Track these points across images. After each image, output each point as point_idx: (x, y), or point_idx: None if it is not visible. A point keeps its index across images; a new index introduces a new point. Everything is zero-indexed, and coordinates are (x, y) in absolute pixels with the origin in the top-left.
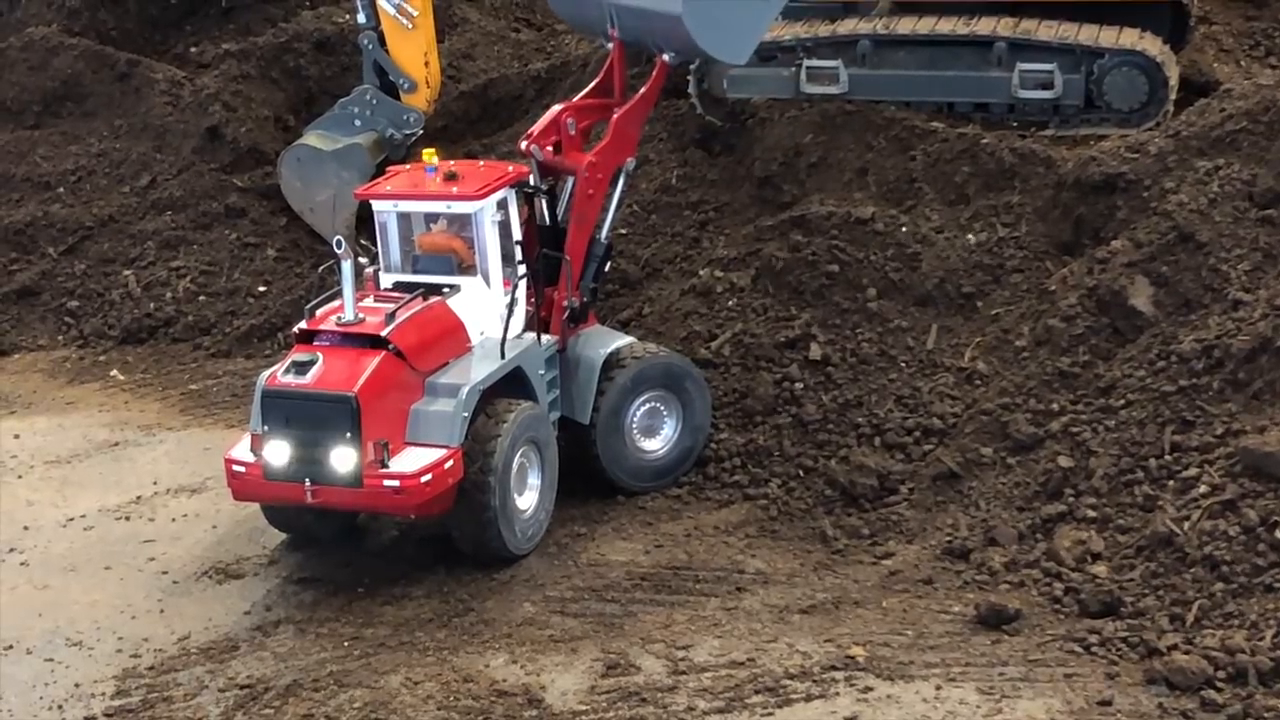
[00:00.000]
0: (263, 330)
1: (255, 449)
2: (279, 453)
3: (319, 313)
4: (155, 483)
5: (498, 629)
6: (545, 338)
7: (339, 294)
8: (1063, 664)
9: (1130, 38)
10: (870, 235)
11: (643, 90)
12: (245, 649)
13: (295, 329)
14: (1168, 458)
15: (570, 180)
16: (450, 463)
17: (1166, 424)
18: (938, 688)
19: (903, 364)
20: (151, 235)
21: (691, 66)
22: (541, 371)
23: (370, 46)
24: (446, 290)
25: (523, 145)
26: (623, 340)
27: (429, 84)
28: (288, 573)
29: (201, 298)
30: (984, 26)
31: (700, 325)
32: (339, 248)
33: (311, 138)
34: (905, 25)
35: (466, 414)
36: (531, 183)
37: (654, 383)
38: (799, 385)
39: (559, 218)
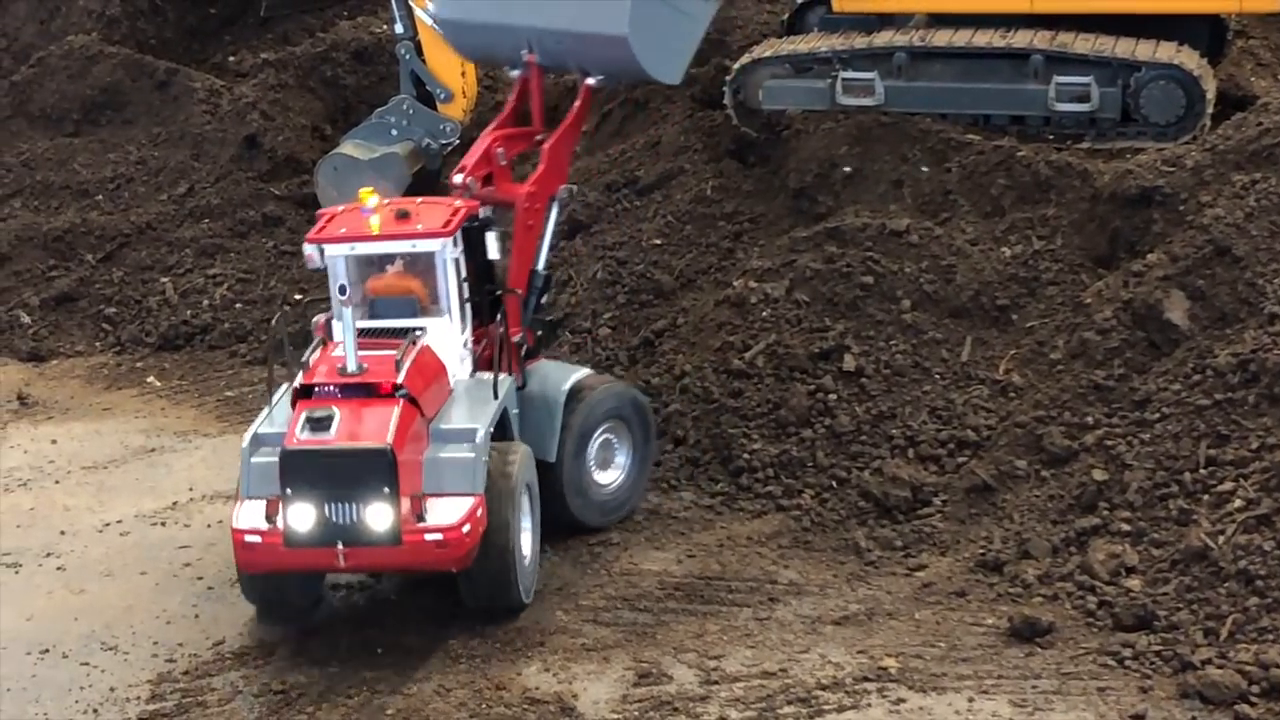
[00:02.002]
0: (298, 338)
1: (271, 515)
2: (304, 517)
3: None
4: (191, 489)
5: (530, 637)
6: (504, 376)
7: (322, 344)
8: (1096, 677)
9: (1167, 51)
10: (905, 247)
11: (571, 116)
12: (280, 655)
13: (295, 385)
14: (1202, 472)
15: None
16: (480, 511)
17: (1201, 438)
18: (970, 700)
19: (937, 376)
20: (189, 243)
21: (718, 77)
22: (516, 410)
23: (407, 56)
24: (419, 333)
25: (457, 179)
26: (579, 372)
27: (465, 94)
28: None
29: (238, 305)
30: (1020, 39)
31: (734, 336)
32: (342, 294)
33: (348, 147)
34: (941, 37)
35: (486, 459)
36: (481, 216)
37: (611, 414)
38: (833, 396)
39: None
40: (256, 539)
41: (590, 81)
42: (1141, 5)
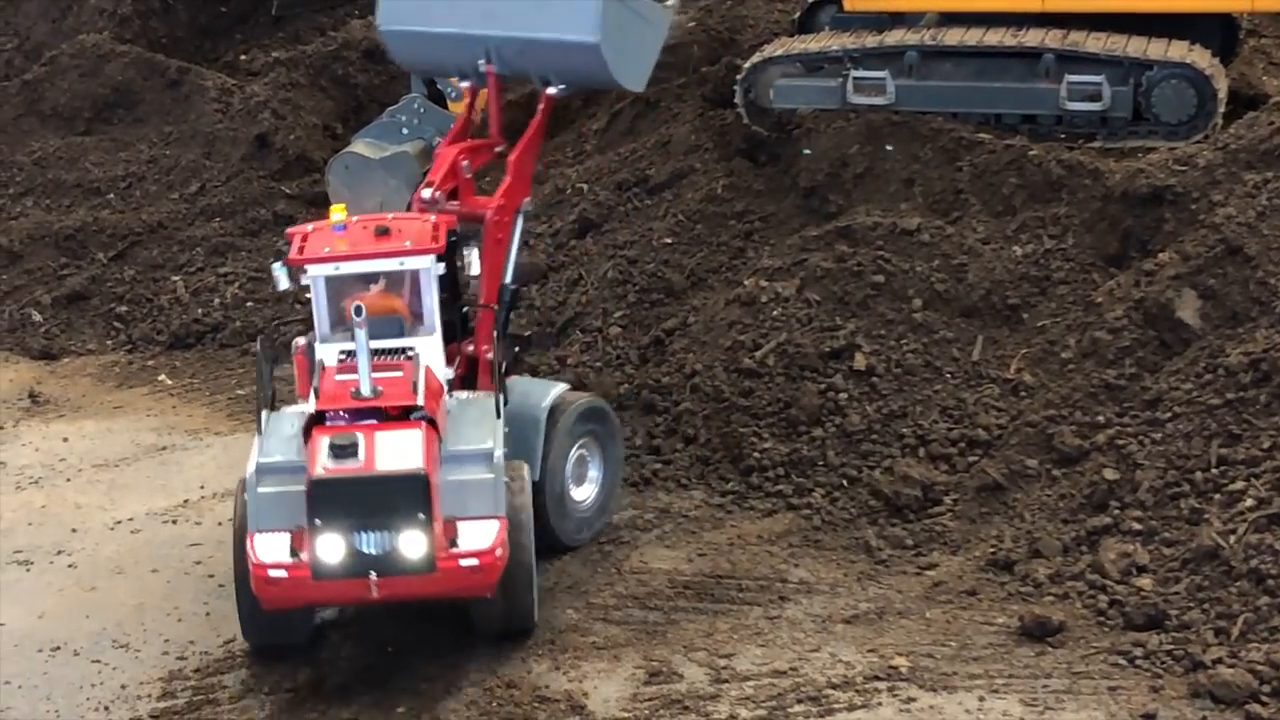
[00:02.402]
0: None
1: (298, 548)
2: (334, 548)
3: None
4: (202, 487)
5: (540, 635)
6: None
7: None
8: (1107, 677)
9: (1179, 50)
10: (916, 246)
11: (534, 127)
12: (291, 653)
13: (310, 412)
14: (1214, 471)
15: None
16: (506, 533)
17: (1213, 437)
18: (981, 699)
19: (948, 375)
20: (200, 241)
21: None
22: (506, 429)
23: None
24: (412, 354)
25: (425, 193)
26: (556, 387)
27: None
28: None
29: (249, 304)
30: (1032, 38)
31: (745, 335)
32: (358, 315)
33: (360, 145)
34: (952, 36)
35: (505, 480)
36: (458, 231)
37: (587, 430)
38: (843, 395)
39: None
40: (281, 574)
41: (551, 91)
42: (1153, 4)
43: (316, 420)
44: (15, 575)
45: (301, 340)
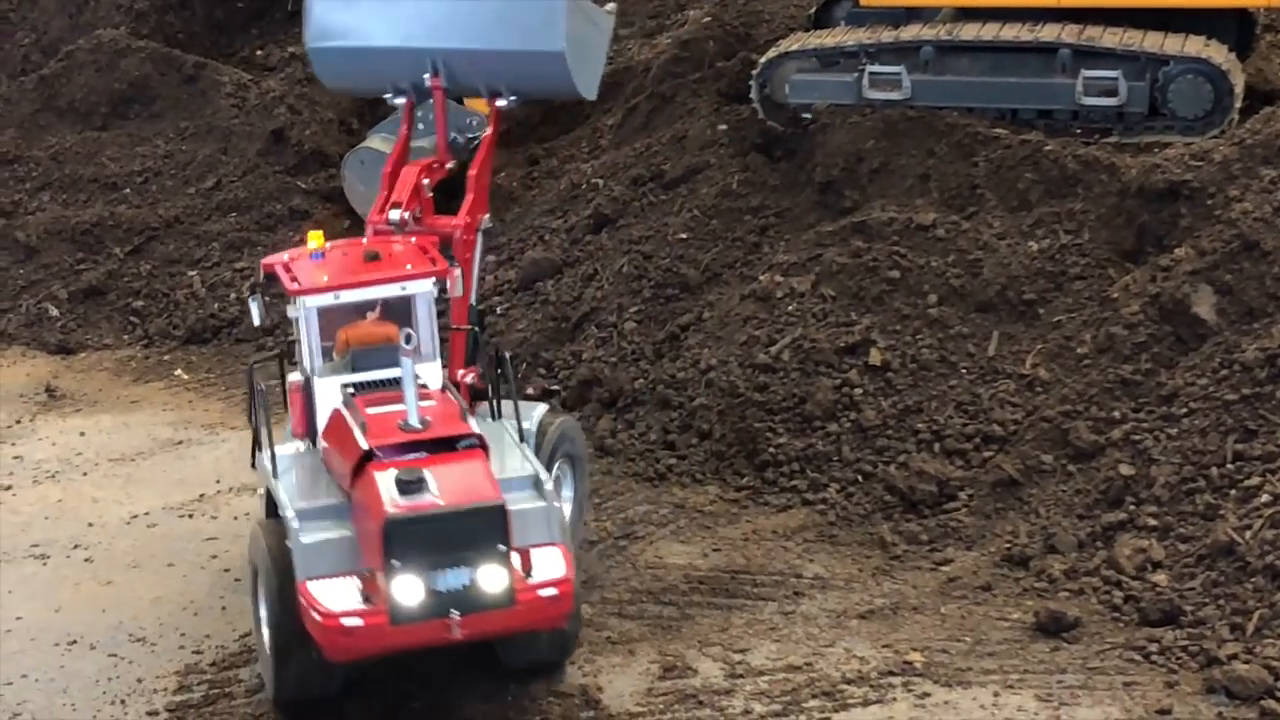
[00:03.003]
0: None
1: (370, 592)
2: (413, 589)
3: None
4: (218, 481)
5: None
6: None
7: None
8: (1122, 672)
9: (1195, 45)
10: (931, 241)
11: (487, 141)
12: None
13: (363, 448)
14: (1230, 466)
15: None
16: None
17: (1229, 433)
18: (995, 694)
19: (963, 370)
20: (216, 236)
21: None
22: None
23: None
24: (420, 385)
25: (393, 214)
26: (537, 409)
27: None
28: None
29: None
30: (1048, 33)
31: (760, 330)
32: (408, 342)
33: (375, 140)
34: (968, 31)
35: (558, 505)
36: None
37: (565, 450)
38: (858, 391)
39: None
40: (357, 622)
41: (502, 103)
42: None
43: (369, 457)
44: (32, 569)
45: (296, 379)
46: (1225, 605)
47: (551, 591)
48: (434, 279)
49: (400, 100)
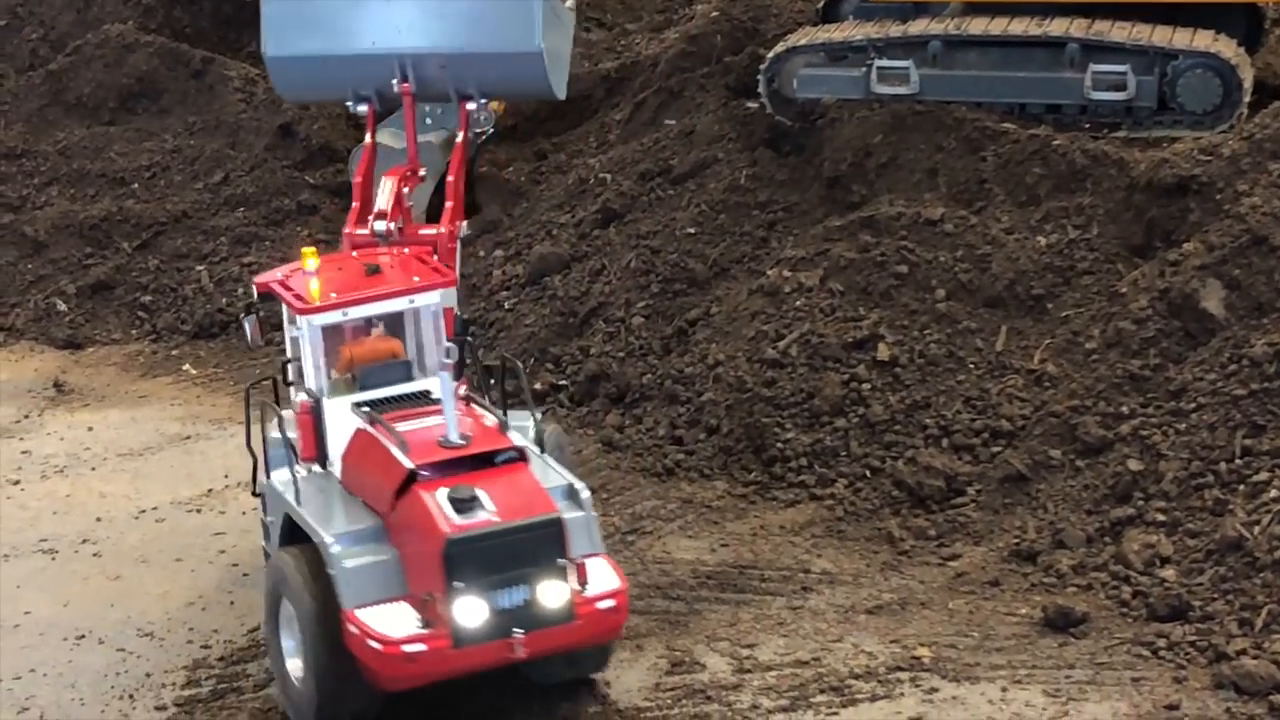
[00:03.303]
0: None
1: (431, 615)
2: (476, 610)
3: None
4: (226, 476)
5: None
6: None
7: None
8: (1130, 667)
9: (1204, 40)
10: (940, 236)
11: (460, 147)
12: None
13: (407, 468)
14: (1238, 462)
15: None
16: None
17: (1237, 428)
18: (1003, 690)
19: (971, 365)
20: (224, 231)
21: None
22: None
23: None
24: (436, 399)
25: (379, 225)
26: (525, 419)
27: None
28: None
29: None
30: (1056, 27)
31: (768, 325)
32: (449, 357)
33: (383, 135)
34: (977, 26)
35: (596, 514)
36: None
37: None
38: (866, 386)
39: None
40: (420, 647)
41: (471, 106)
42: None
43: (412, 478)
44: (41, 564)
45: (304, 399)
46: (1234, 600)
47: (609, 603)
48: (442, 290)
49: (362, 108)
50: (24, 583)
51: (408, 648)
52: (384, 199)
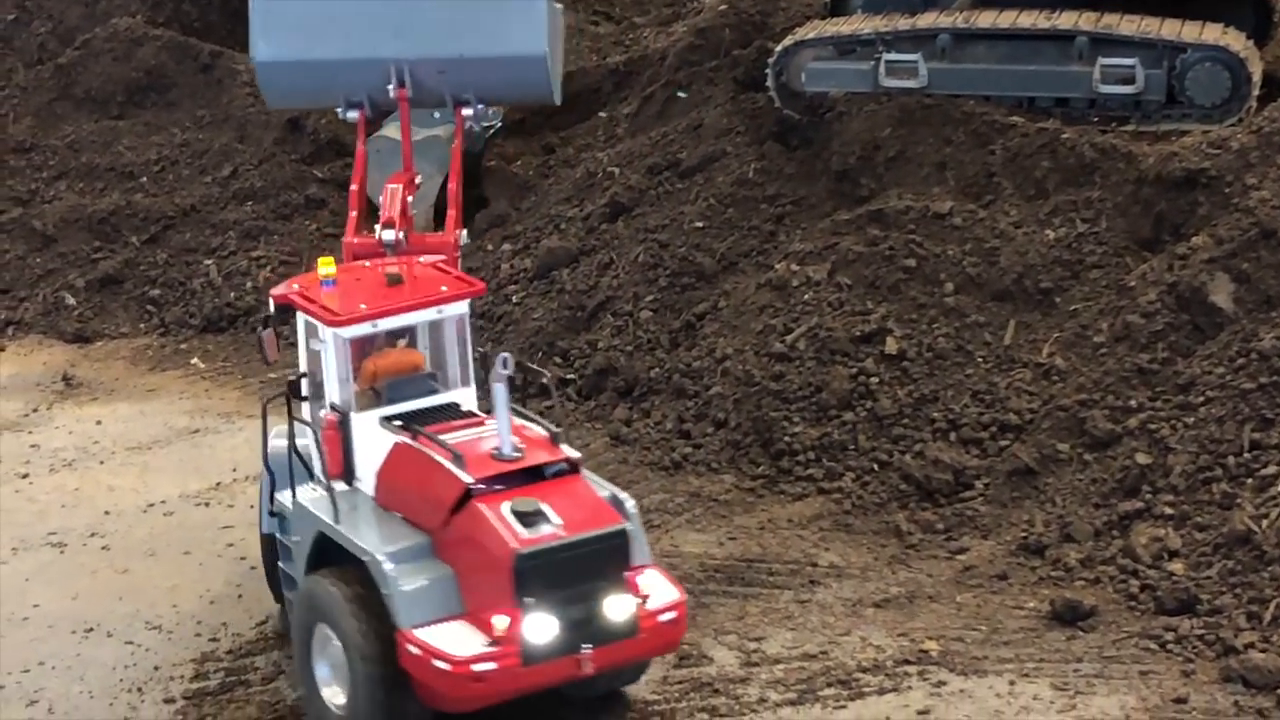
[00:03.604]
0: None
1: (498, 634)
2: (545, 626)
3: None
4: (235, 469)
5: None
6: None
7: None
8: (1138, 661)
9: (1213, 33)
10: (948, 230)
11: (457, 152)
12: None
13: (464, 483)
14: (1247, 455)
15: None
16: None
17: (1246, 421)
18: (1011, 683)
19: (980, 359)
20: (233, 225)
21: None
22: None
23: None
24: (467, 411)
25: (387, 235)
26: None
27: None
28: None
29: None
30: (1065, 20)
31: (776, 319)
32: (505, 367)
33: (391, 129)
34: (985, 19)
35: (641, 526)
36: None
37: None
38: (874, 379)
39: None
40: (490, 666)
41: (468, 111)
42: None
43: (465, 497)
44: (49, 557)
45: (330, 416)
46: (1242, 594)
47: (670, 615)
48: (470, 299)
49: (353, 114)
50: (33, 576)
51: (477, 667)
52: (391, 207)
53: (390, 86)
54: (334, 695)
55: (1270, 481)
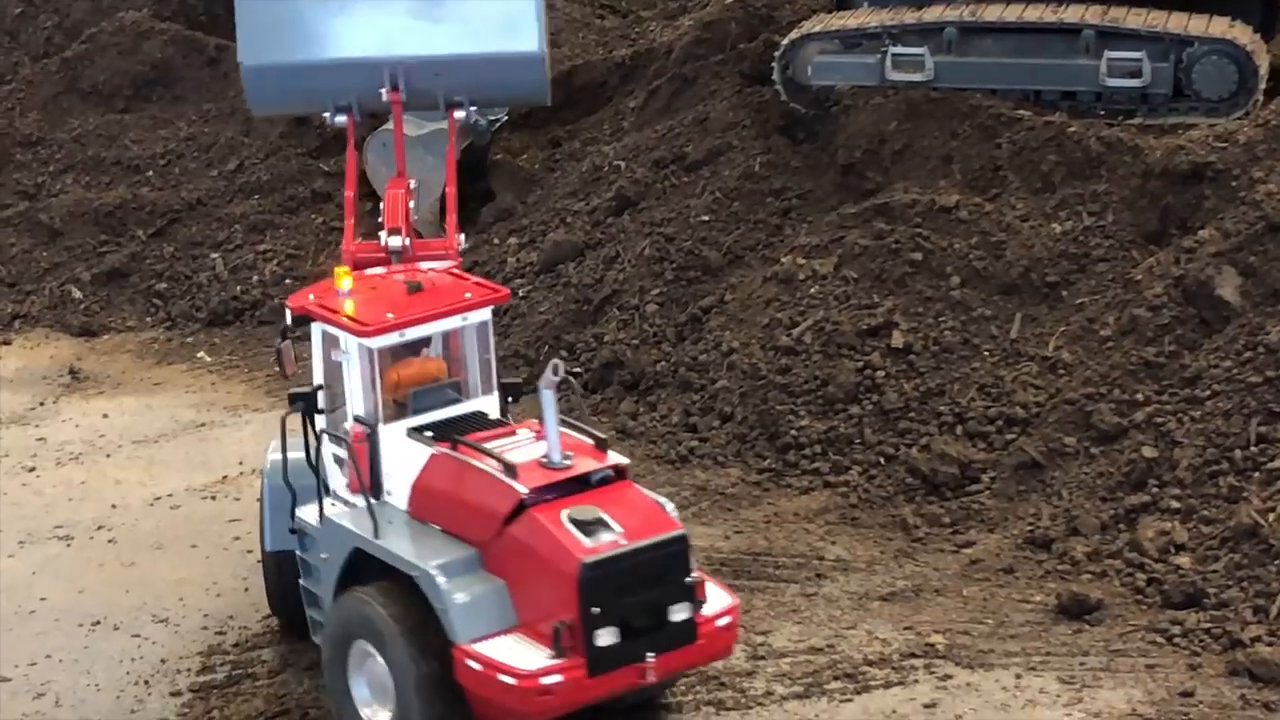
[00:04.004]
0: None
1: (566, 646)
2: (611, 635)
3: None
4: (241, 463)
5: None
6: None
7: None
8: (1144, 654)
9: (1220, 26)
10: (954, 223)
11: (450, 157)
12: None
13: (519, 494)
14: (1253, 449)
15: None
16: None
17: (1252, 415)
18: (1018, 676)
19: (986, 353)
20: (239, 219)
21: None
22: None
23: None
24: (496, 420)
25: (394, 241)
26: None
27: None
28: None
29: (287, 281)
30: (1072, 14)
31: (782, 313)
32: (556, 373)
33: (405, 126)
34: (992, 12)
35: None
36: None
37: None
38: (881, 373)
39: None
40: (557, 679)
41: (460, 114)
42: None
43: (517, 510)
44: (56, 550)
45: (358, 428)
46: (1248, 587)
47: (726, 620)
48: (493, 306)
49: (342, 119)
50: (40, 569)
51: (546, 680)
52: (394, 213)
53: (383, 89)
54: (374, 714)
55: (1277, 475)
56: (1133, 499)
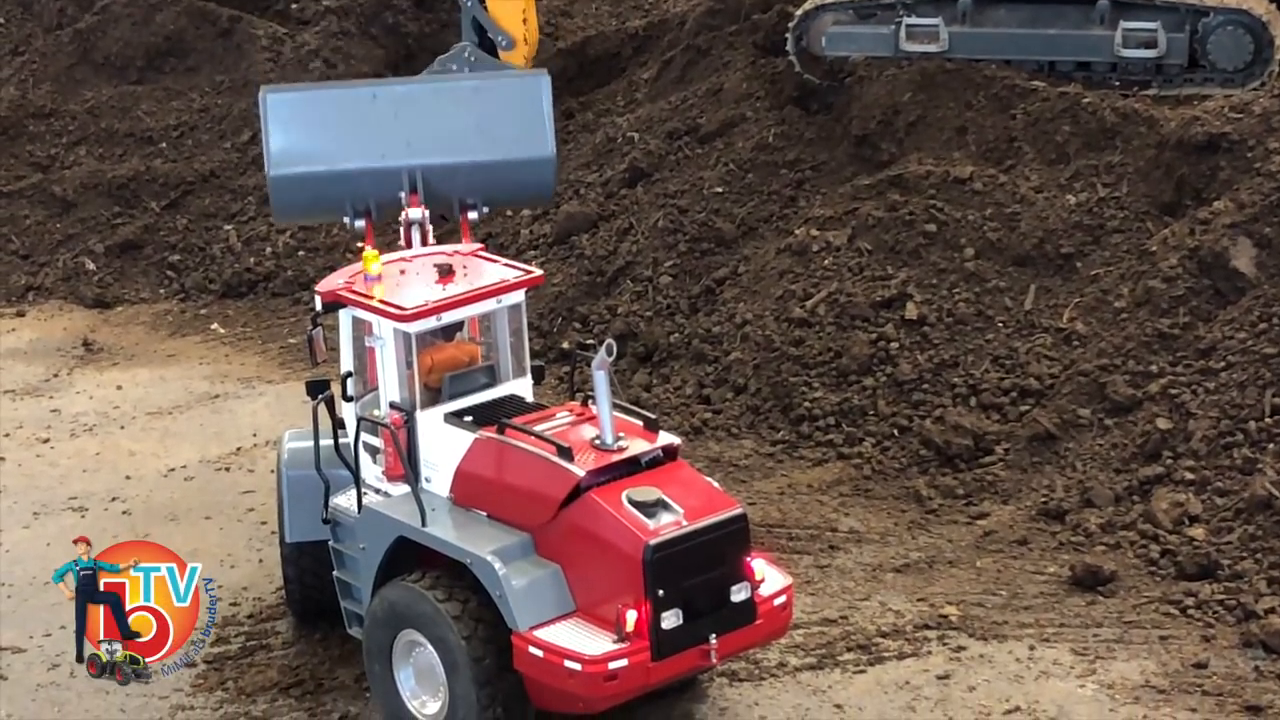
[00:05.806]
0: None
1: (631, 630)
2: (675, 619)
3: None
4: (255, 435)
5: None
6: None
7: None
8: (1158, 626)
9: None
10: (969, 195)
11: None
12: None
13: (576, 476)
14: (1268, 420)
15: None
16: None
17: (1267, 386)
18: (1031, 648)
19: (1000, 324)
20: (252, 190)
21: None
22: None
23: (469, 4)
24: (534, 403)
25: (416, 213)
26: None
27: (527, 41)
28: None
29: (301, 253)
30: None
31: (796, 284)
32: (610, 354)
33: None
34: None
35: None
36: None
37: None
38: (895, 345)
39: None
40: (623, 663)
41: (473, 215)
42: None
43: (573, 494)
44: (70, 521)
45: (395, 415)
46: (1262, 559)
47: (782, 600)
48: (526, 288)
49: (361, 223)
50: (54, 540)
51: (613, 664)
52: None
53: (403, 194)
54: (423, 705)
55: None
56: (1147, 470)
